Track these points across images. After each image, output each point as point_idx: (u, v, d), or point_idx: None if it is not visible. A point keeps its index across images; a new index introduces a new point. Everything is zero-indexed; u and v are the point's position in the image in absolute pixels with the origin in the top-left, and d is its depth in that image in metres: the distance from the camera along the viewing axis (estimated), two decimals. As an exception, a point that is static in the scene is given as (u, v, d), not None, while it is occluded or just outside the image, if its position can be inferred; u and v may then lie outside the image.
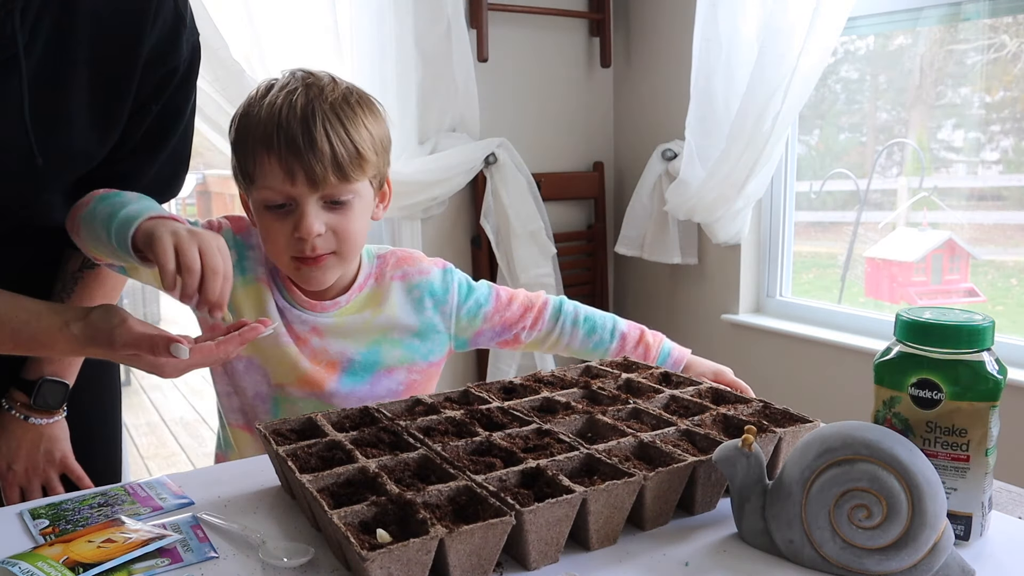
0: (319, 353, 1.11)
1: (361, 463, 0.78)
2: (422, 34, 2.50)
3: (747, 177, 2.37)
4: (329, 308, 1.12)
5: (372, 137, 1.05)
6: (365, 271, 1.15)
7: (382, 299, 1.14)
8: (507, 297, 1.21)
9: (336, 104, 1.03)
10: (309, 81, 1.05)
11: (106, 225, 0.90)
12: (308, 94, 1.02)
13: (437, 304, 1.17)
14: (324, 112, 1.01)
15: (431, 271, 1.18)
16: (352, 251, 1.08)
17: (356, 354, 1.12)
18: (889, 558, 0.67)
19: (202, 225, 1.10)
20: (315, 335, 1.11)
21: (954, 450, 0.73)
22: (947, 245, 2.48)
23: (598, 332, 1.22)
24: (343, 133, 1.01)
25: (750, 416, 0.90)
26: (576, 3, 2.94)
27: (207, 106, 2.17)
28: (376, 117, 1.08)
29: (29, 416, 1.09)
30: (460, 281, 1.20)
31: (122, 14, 0.96)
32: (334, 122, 1.01)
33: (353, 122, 1.03)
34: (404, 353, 1.15)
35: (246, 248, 1.12)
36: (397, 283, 1.16)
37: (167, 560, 0.73)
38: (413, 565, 0.64)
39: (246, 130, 1.03)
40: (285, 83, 1.05)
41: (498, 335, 1.21)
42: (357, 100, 1.06)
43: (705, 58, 2.43)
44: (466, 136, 2.64)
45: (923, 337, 0.73)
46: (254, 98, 1.05)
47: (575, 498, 0.71)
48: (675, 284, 2.92)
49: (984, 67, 2.21)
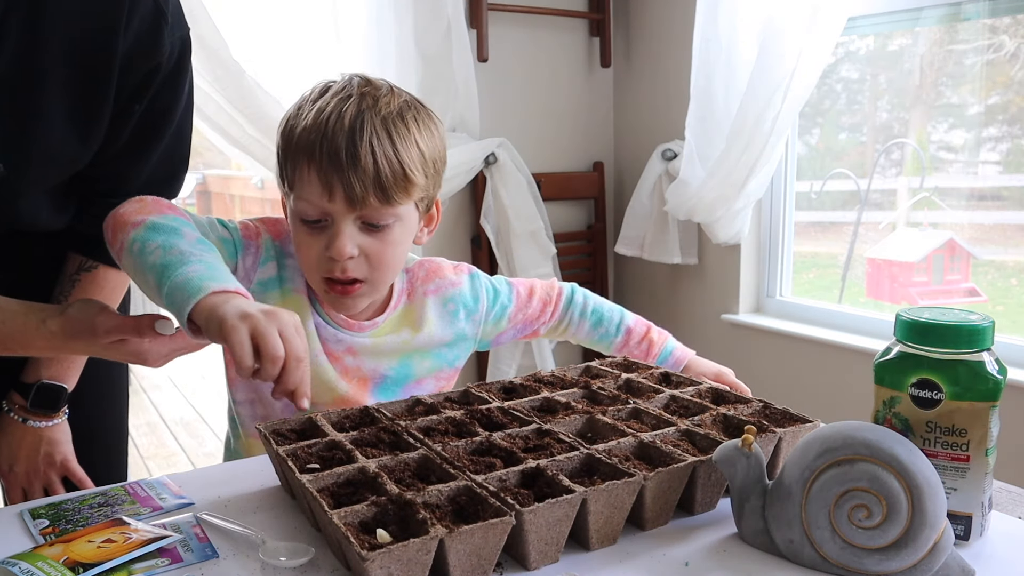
0: (351, 371, 1.07)
1: (361, 463, 0.78)
2: (422, 34, 2.50)
3: (747, 177, 2.37)
4: (366, 328, 1.07)
5: (424, 157, 0.98)
6: (398, 288, 1.10)
7: (418, 318, 1.10)
8: (527, 293, 1.19)
9: (389, 118, 0.95)
10: (365, 89, 0.97)
11: (157, 278, 0.81)
12: (361, 104, 0.95)
13: (469, 314, 1.14)
14: (374, 125, 0.94)
15: (461, 281, 1.14)
16: (385, 279, 1.02)
17: (389, 370, 1.09)
18: (889, 558, 0.67)
19: (241, 233, 1.03)
20: (349, 355, 1.07)
21: (954, 450, 0.73)
22: (948, 245, 2.48)
23: (604, 324, 1.22)
24: (390, 151, 0.94)
25: (750, 416, 0.90)
26: (576, 3, 2.94)
27: (207, 106, 2.17)
28: (432, 135, 1.00)
29: (28, 419, 1.09)
30: (487, 287, 1.17)
31: (93, 12, 0.91)
32: (383, 137, 0.93)
33: (404, 139, 0.95)
34: (433, 363, 1.12)
35: (285, 256, 1.05)
36: (431, 298, 1.11)
37: (167, 560, 0.73)
38: (413, 565, 0.64)
39: (291, 134, 0.97)
40: (340, 88, 0.98)
41: (519, 332, 1.21)
42: (414, 115, 0.98)
43: (705, 58, 2.43)
44: (466, 136, 2.64)
45: (923, 337, 0.73)
46: (306, 99, 0.99)
47: (575, 498, 0.71)
48: (675, 284, 2.92)
49: (983, 67, 2.21)
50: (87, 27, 0.92)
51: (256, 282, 1.03)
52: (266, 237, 1.05)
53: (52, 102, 0.93)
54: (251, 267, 1.02)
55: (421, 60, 2.51)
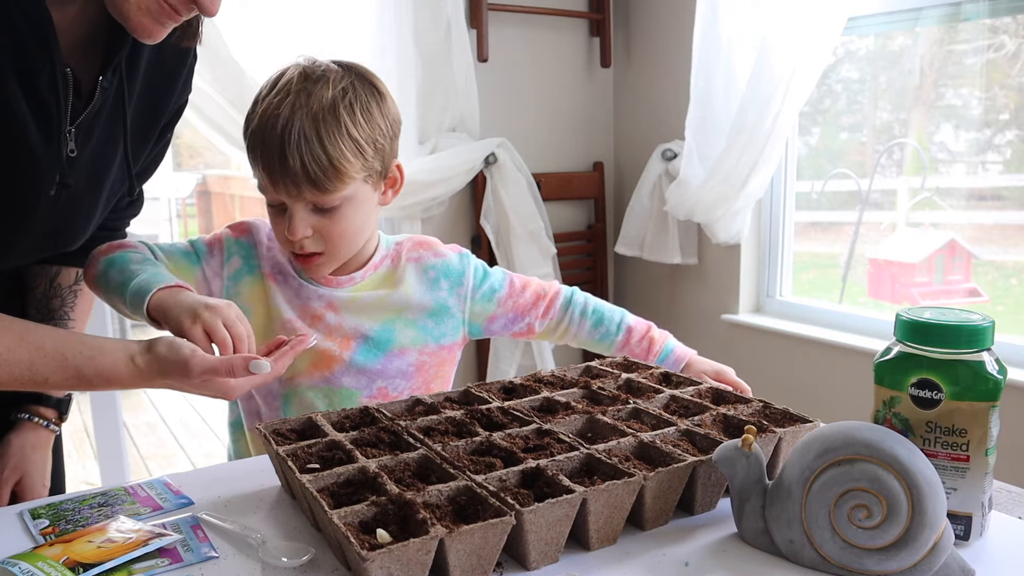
0: (334, 329, 1.13)
1: (361, 463, 0.78)
2: (422, 34, 2.50)
3: (747, 177, 2.37)
4: (344, 284, 1.15)
5: (357, 144, 1.04)
6: (382, 252, 1.18)
7: (397, 279, 1.17)
8: (521, 284, 1.23)
9: (320, 114, 1.02)
10: (302, 85, 1.04)
11: (121, 294, 1.00)
12: (296, 103, 1.02)
13: (453, 286, 1.19)
14: (302, 126, 1.01)
15: (448, 254, 1.21)
16: (341, 250, 1.10)
17: (371, 330, 1.14)
18: (889, 558, 0.67)
19: (204, 242, 1.15)
20: (331, 310, 1.13)
21: (954, 450, 0.73)
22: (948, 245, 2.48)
23: (605, 324, 1.23)
24: (318, 149, 1.01)
25: (750, 416, 0.90)
26: (576, 3, 2.94)
27: (207, 106, 2.17)
28: (370, 116, 1.06)
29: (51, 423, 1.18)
30: (476, 265, 1.22)
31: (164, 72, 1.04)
32: (311, 137, 1.01)
33: (333, 133, 1.02)
34: (417, 334, 1.17)
35: (250, 247, 1.16)
36: (412, 264, 1.18)
37: (167, 560, 0.73)
38: (413, 565, 0.64)
39: (246, 133, 1.07)
40: (285, 84, 1.05)
41: (511, 323, 1.22)
42: (350, 102, 1.04)
43: (705, 58, 2.43)
44: (466, 136, 2.64)
45: (923, 337, 0.73)
46: (259, 96, 1.07)
47: (575, 498, 0.71)
48: (675, 284, 2.92)
49: (984, 67, 2.21)
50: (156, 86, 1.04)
51: (226, 278, 1.14)
52: (226, 239, 1.16)
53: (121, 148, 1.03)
54: (217, 268, 1.14)
55: (421, 60, 2.51)
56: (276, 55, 2.22)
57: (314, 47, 2.36)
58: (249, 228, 1.18)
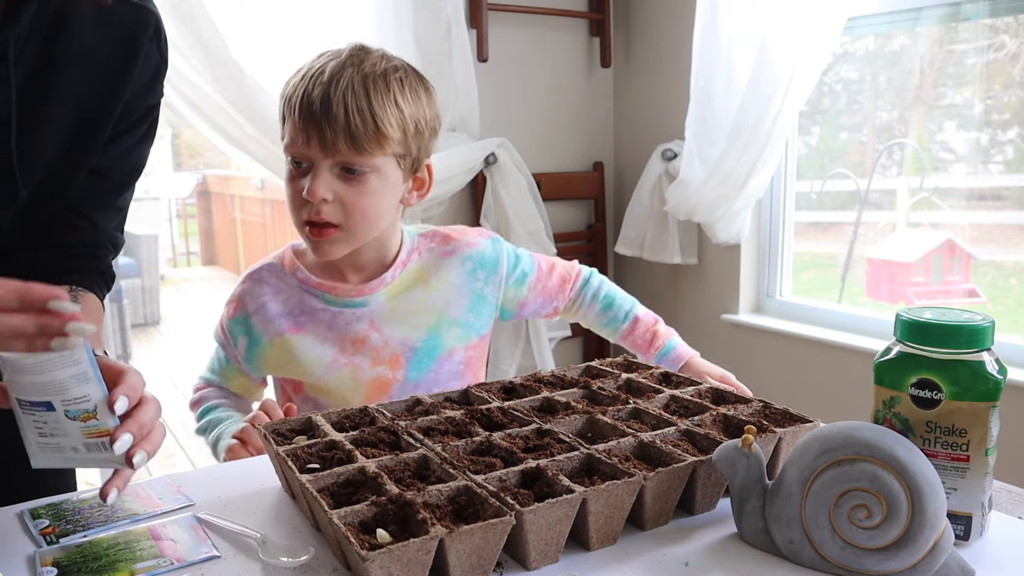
0: (381, 351, 1.10)
1: (361, 463, 0.78)
2: (422, 34, 2.50)
3: (747, 177, 2.37)
4: (376, 288, 1.11)
5: (403, 115, 1.03)
6: (407, 247, 1.15)
7: (430, 274, 1.14)
8: (547, 266, 1.22)
9: (370, 76, 1.01)
10: (356, 52, 1.04)
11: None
12: (347, 62, 1.01)
13: (488, 275, 1.17)
14: (351, 80, 1.00)
15: (480, 242, 1.18)
16: (359, 229, 1.05)
17: (418, 341, 1.12)
18: (889, 558, 0.67)
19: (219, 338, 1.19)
20: (373, 330, 1.11)
21: (954, 450, 0.73)
22: (947, 245, 2.48)
23: (614, 310, 1.24)
24: (364, 103, 0.99)
25: (750, 416, 0.90)
26: (576, 3, 2.94)
27: (207, 106, 2.17)
28: (418, 98, 1.05)
29: None
30: (508, 251, 1.21)
31: (113, 55, 0.94)
32: (358, 91, 0.99)
33: (382, 96, 1.01)
34: (461, 332, 1.15)
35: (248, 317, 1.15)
36: (446, 258, 1.15)
37: (168, 560, 0.73)
38: (413, 565, 0.64)
39: (284, 89, 1.07)
40: (335, 52, 1.05)
41: (540, 308, 1.23)
42: (401, 78, 1.04)
43: (705, 58, 2.43)
44: (466, 136, 2.64)
45: (923, 337, 0.73)
46: (304, 64, 1.06)
47: (575, 498, 0.71)
48: (675, 284, 2.92)
49: (984, 67, 2.21)
50: (103, 70, 0.94)
51: (244, 362, 1.16)
52: (227, 324, 1.17)
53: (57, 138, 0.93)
54: (239, 357, 1.17)
55: (421, 60, 2.51)
56: (276, 55, 2.22)
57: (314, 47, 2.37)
58: (237, 309, 1.16)
